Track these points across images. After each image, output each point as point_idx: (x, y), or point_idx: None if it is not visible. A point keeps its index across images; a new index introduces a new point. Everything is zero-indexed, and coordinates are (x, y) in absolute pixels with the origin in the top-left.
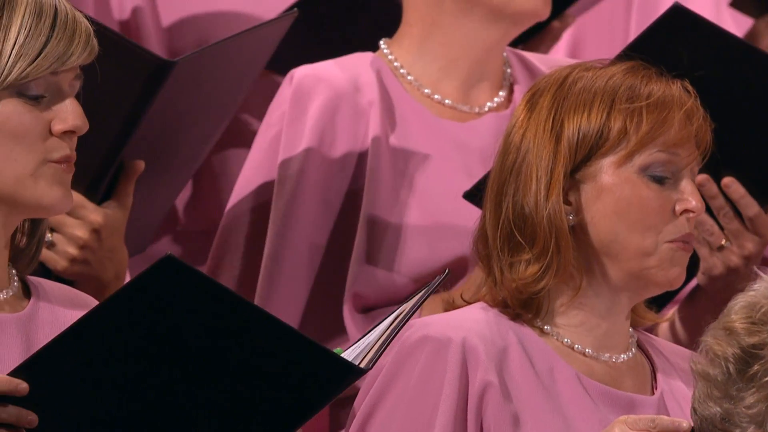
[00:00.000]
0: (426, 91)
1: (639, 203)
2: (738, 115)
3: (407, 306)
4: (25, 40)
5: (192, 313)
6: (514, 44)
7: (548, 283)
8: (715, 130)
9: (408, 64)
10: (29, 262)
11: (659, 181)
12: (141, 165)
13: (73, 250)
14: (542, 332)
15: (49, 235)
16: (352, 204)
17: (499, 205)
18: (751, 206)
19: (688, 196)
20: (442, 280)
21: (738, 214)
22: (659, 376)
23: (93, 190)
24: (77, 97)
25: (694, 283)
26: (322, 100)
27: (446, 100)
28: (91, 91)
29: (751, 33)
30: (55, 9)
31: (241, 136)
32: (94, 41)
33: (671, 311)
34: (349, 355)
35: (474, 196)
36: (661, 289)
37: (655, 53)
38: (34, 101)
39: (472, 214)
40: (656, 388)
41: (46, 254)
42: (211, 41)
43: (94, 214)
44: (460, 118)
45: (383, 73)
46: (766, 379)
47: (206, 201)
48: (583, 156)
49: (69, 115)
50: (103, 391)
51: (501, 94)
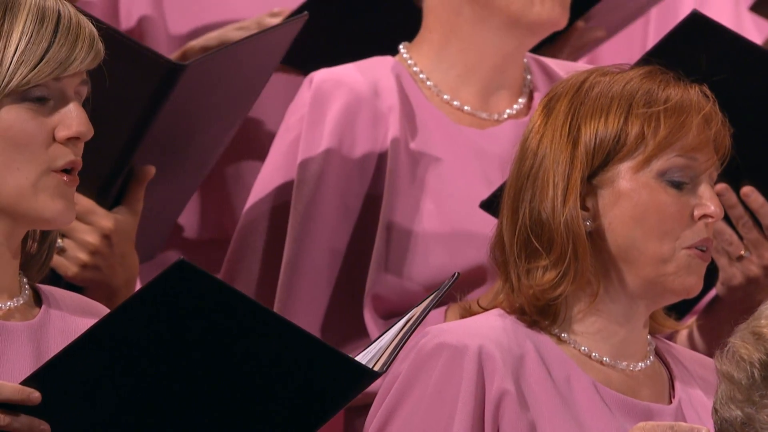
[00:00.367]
0: (445, 97)
1: (657, 208)
2: (757, 122)
3: (418, 309)
4: (27, 46)
5: (205, 318)
6: (538, 46)
7: (565, 290)
8: (734, 137)
9: (427, 69)
10: (40, 268)
11: (677, 186)
12: (151, 170)
13: (83, 256)
14: (559, 340)
15: (59, 241)
16: (371, 209)
17: (515, 211)
18: None
19: (707, 201)
20: (452, 284)
21: (757, 223)
22: (677, 385)
23: (103, 195)
24: (86, 102)
25: (713, 293)
26: (341, 104)
27: (465, 107)
28: (101, 95)
29: None
30: (58, 14)
31: (252, 143)
32: (100, 45)
33: (690, 320)
34: (361, 359)
35: (491, 205)
36: (677, 296)
37: (674, 60)
38: (39, 103)
39: (491, 222)
40: (674, 397)
41: (56, 260)
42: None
43: (105, 219)
44: (479, 124)
45: (403, 78)
46: None
47: (216, 209)
48: (601, 161)
49: (73, 121)
50: (116, 399)
51: (520, 100)
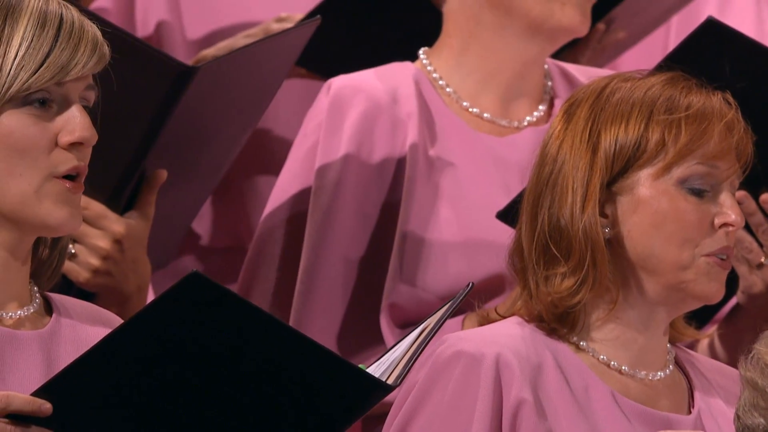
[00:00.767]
0: (464, 103)
1: (676, 216)
2: None
3: (433, 320)
4: (27, 51)
5: (218, 330)
6: (558, 49)
7: (584, 297)
8: (755, 144)
9: (447, 75)
10: (51, 274)
11: (698, 194)
12: (163, 174)
13: (95, 261)
14: (578, 348)
15: (71, 247)
16: (389, 216)
17: (534, 217)
18: None
19: (728, 210)
20: (466, 294)
21: None
22: (696, 395)
23: (115, 199)
24: (95, 107)
25: (734, 301)
26: (360, 111)
27: (485, 114)
28: (112, 99)
29: None
30: (61, 18)
31: (268, 150)
32: (105, 49)
33: (711, 329)
34: (374, 371)
35: (507, 215)
36: (698, 302)
37: (693, 66)
38: (41, 108)
39: (509, 230)
40: (693, 407)
41: (68, 266)
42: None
43: (117, 224)
44: (499, 132)
45: (422, 85)
46: None
47: (231, 217)
48: (620, 168)
49: (76, 126)
50: (128, 411)
51: (540, 108)
